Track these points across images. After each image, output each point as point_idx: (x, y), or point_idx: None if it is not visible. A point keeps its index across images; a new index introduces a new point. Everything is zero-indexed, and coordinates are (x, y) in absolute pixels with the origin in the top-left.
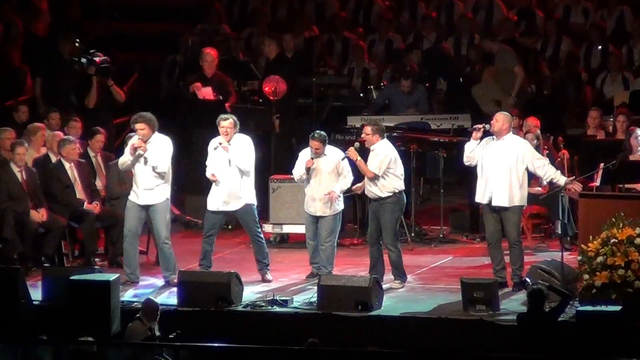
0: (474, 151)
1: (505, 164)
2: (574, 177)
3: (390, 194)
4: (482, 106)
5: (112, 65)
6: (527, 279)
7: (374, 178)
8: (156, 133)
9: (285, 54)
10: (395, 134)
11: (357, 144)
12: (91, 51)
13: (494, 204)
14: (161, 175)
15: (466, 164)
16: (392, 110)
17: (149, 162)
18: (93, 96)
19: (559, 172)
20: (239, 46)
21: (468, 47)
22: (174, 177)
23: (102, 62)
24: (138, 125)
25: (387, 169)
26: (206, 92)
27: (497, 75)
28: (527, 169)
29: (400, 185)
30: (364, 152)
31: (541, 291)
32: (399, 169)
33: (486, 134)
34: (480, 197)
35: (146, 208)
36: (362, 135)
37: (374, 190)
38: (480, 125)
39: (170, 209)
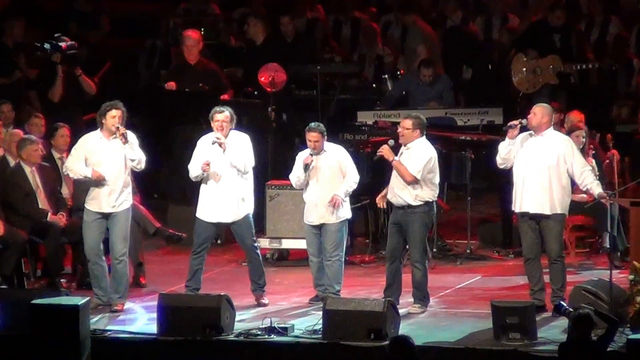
0: (510, 152)
1: (544, 164)
2: (612, 192)
3: (422, 203)
4: None
5: (81, 52)
6: (563, 303)
7: (412, 183)
8: None
9: (283, 38)
10: None
11: (391, 141)
12: (56, 35)
13: (532, 211)
14: (129, 175)
15: (500, 166)
16: (410, 104)
17: (127, 156)
18: (58, 88)
19: (596, 182)
20: (230, 29)
21: (500, 29)
22: (153, 184)
23: (69, 48)
24: (117, 112)
25: (428, 173)
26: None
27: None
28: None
29: (434, 195)
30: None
31: (588, 316)
32: (437, 176)
33: (522, 129)
34: (517, 205)
35: (107, 217)
36: (399, 130)
37: (403, 195)
38: (516, 122)
39: (130, 219)
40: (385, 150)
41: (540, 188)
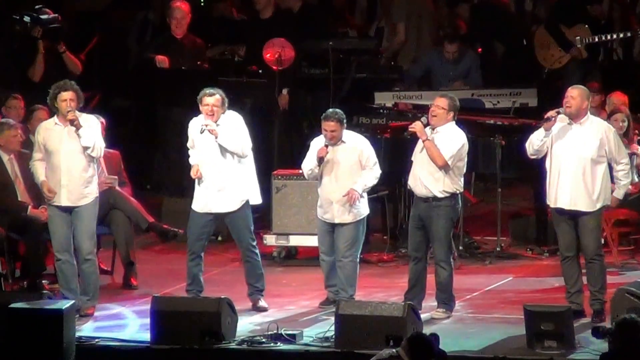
0: (544, 144)
1: (583, 157)
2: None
3: (448, 195)
4: None
5: (65, 26)
6: (599, 326)
7: (442, 168)
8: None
9: (289, 10)
10: None
11: (424, 119)
12: (36, 7)
13: (567, 208)
14: (91, 164)
15: (531, 157)
16: (433, 84)
17: (82, 143)
18: (39, 66)
19: (624, 182)
20: (232, 1)
21: (535, 1)
22: (146, 174)
23: (51, 22)
24: (67, 94)
25: (457, 161)
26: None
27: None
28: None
29: (460, 186)
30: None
31: (633, 322)
32: (465, 166)
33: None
34: (552, 200)
35: (70, 211)
36: (433, 109)
37: (428, 184)
38: (553, 113)
39: (96, 213)
40: (417, 127)
41: (577, 183)
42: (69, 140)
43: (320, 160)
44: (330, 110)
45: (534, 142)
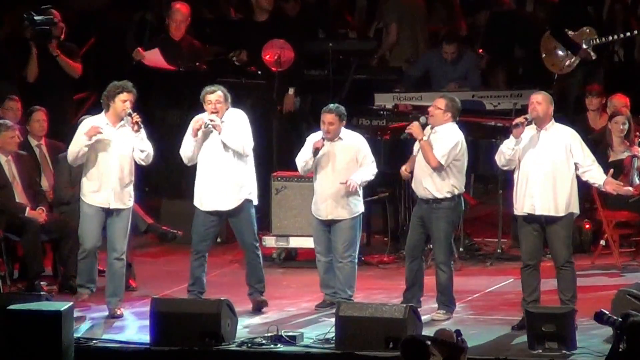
0: (515, 153)
1: (550, 161)
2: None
3: (448, 196)
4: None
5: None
6: (605, 310)
7: (437, 169)
8: None
9: (287, 10)
10: None
11: (422, 118)
12: (43, 7)
13: (537, 212)
14: (135, 168)
15: (503, 168)
16: (432, 85)
17: (137, 147)
18: (32, 67)
19: (599, 175)
20: (231, 1)
21: (535, 2)
22: (144, 176)
23: (43, 23)
24: (129, 96)
25: (454, 160)
26: (154, 59)
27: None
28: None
29: (461, 186)
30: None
31: None
32: (465, 165)
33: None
34: (519, 206)
35: (109, 212)
36: (430, 109)
37: (427, 186)
38: (521, 119)
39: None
40: (414, 128)
41: (545, 189)
42: (120, 143)
43: (316, 152)
44: (332, 104)
45: (505, 152)
